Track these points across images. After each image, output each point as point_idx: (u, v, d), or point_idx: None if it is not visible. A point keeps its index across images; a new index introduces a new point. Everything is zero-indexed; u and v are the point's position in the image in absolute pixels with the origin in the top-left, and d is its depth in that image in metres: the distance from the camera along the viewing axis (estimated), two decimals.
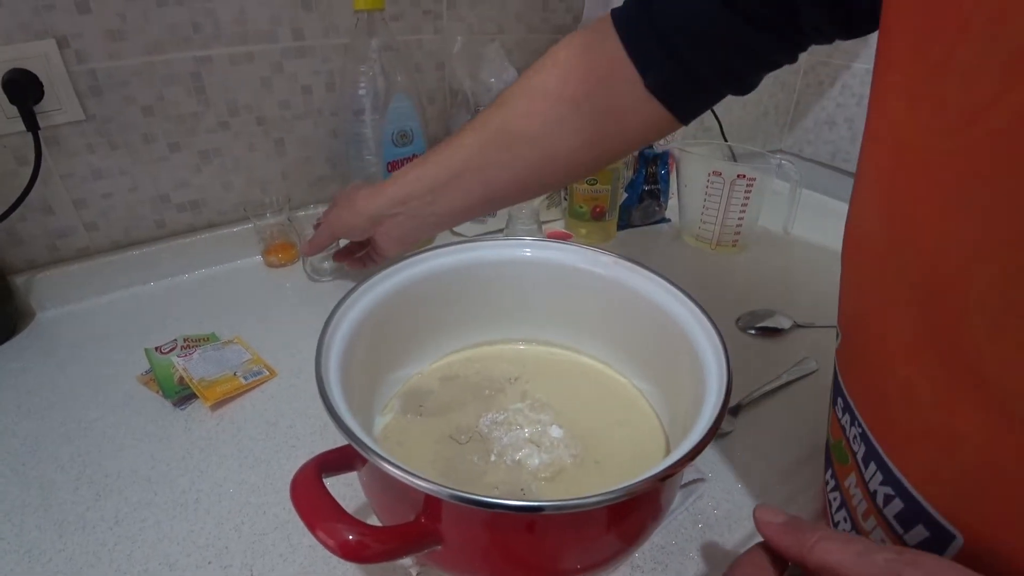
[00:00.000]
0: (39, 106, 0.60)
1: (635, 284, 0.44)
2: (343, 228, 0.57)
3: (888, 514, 0.29)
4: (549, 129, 0.47)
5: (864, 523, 0.31)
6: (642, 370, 0.47)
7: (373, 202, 0.54)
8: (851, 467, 0.32)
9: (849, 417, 0.32)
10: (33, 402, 0.53)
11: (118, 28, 0.62)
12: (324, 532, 0.26)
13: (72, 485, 0.45)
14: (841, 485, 0.34)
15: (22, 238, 0.65)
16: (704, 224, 0.80)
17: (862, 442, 0.30)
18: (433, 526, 0.28)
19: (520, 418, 0.42)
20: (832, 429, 0.36)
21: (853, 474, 0.32)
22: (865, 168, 0.30)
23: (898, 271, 0.26)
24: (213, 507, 0.43)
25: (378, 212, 0.54)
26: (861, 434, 0.30)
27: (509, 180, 0.50)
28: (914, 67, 0.24)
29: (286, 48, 0.72)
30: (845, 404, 0.32)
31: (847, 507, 0.34)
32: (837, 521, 0.36)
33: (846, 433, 0.33)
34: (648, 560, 0.40)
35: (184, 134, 0.70)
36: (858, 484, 0.31)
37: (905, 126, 0.25)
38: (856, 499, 0.32)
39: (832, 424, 0.36)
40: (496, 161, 0.49)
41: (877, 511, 0.30)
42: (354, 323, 0.38)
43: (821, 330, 0.64)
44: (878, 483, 0.29)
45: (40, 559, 0.39)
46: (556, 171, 0.51)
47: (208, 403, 0.51)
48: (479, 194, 0.51)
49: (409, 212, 0.53)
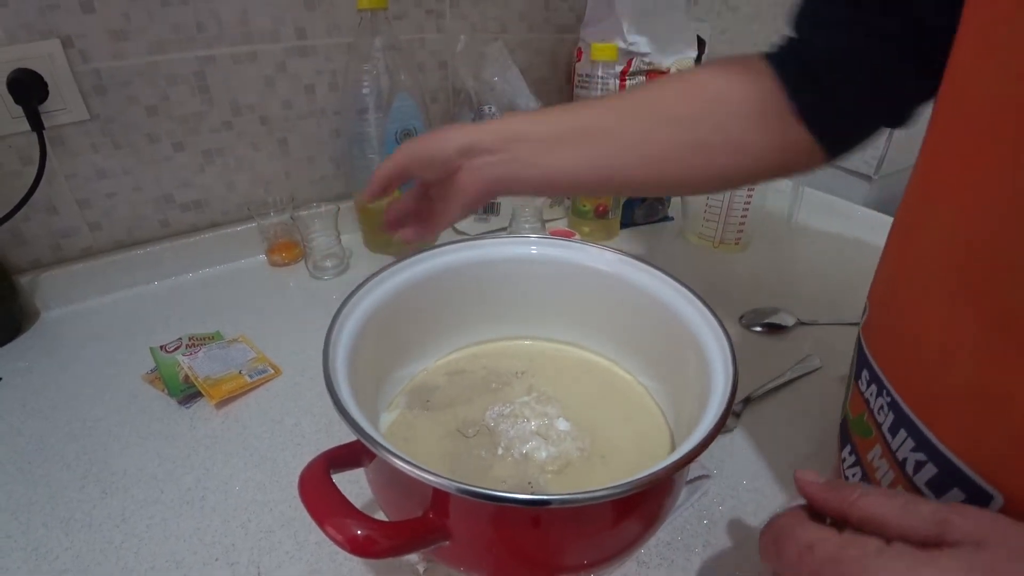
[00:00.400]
0: (44, 106, 0.60)
1: (639, 281, 0.44)
2: (423, 155, 0.44)
3: (919, 481, 0.29)
4: (695, 116, 0.43)
5: None
6: (647, 367, 0.47)
7: (470, 133, 0.44)
8: (875, 439, 0.33)
9: (876, 388, 0.32)
10: (39, 401, 0.53)
11: (122, 28, 0.62)
12: (333, 527, 0.26)
13: (78, 483, 0.45)
14: (863, 459, 0.35)
15: (26, 238, 0.66)
16: (707, 222, 0.80)
17: (890, 411, 0.31)
18: (441, 521, 0.28)
19: (527, 411, 0.42)
20: (852, 405, 0.36)
21: (878, 446, 0.32)
22: (928, 137, 0.30)
23: (942, 234, 0.27)
24: (219, 505, 0.43)
25: (473, 143, 0.43)
26: (890, 403, 0.31)
27: (633, 158, 0.44)
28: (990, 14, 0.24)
29: (289, 47, 0.72)
30: (872, 376, 0.33)
31: (869, 481, 0.34)
32: None
33: (870, 406, 0.33)
34: (654, 556, 0.40)
35: (188, 134, 0.70)
36: (884, 455, 0.32)
37: (971, 77, 0.26)
38: (881, 471, 0.32)
39: (852, 400, 0.36)
40: (629, 131, 0.44)
41: (906, 479, 0.30)
42: (360, 320, 0.38)
43: (824, 327, 0.64)
44: (908, 450, 0.29)
45: (47, 556, 0.39)
46: (679, 165, 0.44)
47: (213, 401, 0.51)
48: (596, 163, 0.44)
49: (511, 155, 0.43)
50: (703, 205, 0.79)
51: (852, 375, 0.37)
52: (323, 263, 0.73)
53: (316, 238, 0.72)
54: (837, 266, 0.78)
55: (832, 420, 0.52)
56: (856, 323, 0.65)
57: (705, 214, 0.79)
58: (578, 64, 0.89)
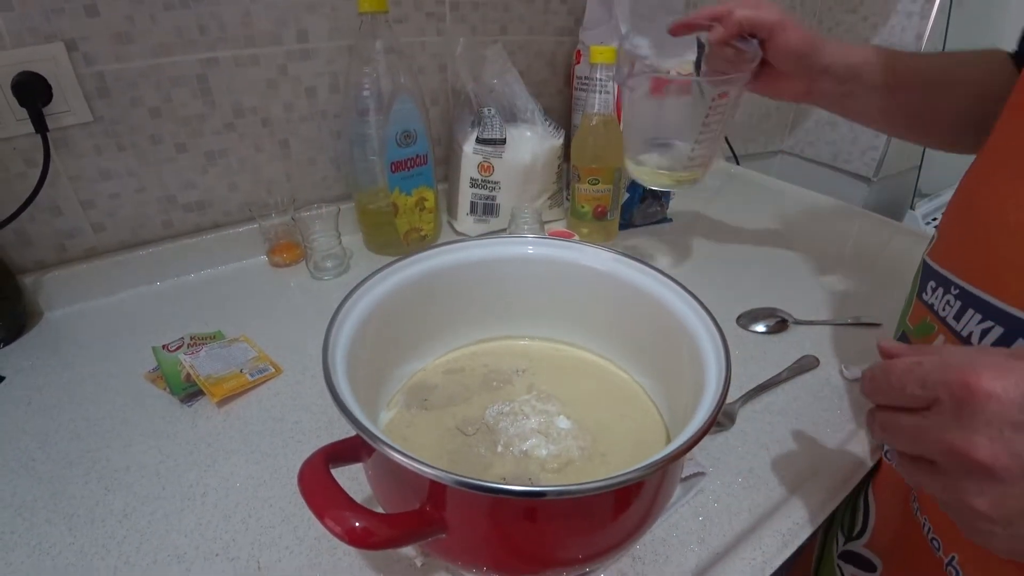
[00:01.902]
0: (48, 108, 0.61)
1: (637, 281, 0.44)
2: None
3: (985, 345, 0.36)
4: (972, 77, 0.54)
5: None
6: (643, 365, 0.47)
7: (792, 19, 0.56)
8: (937, 333, 0.40)
9: (943, 290, 0.40)
10: (42, 399, 0.54)
11: (125, 31, 0.63)
12: (332, 519, 0.27)
13: (81, 480, 0.45)
14: None
15: (31, 239, 0.66)
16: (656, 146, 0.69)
17: (957, 301, 0.38)
18: (438, 513, 0.29)
19: (527, 408, 0.43)
20: (913, 318, 0.44)
21: (940, 336, 0.40)
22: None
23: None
24: (220, 501, 0.43)
25: (788, 19, 0.55)
26: (957, 294, 0.38)
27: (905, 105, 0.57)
28: None
29: (291, 50, 0.73)
30: (939, 282, 0.41)
31: None
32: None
33: (934, 308, 0.41)
34: (649, 552, 0.40)
35: (190, 135, 0.71)
36: (946, 342, 0.39)
37: None
38: None
39: (914, 313, 0.44)
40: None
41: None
42: (359, 318, 0.39)
43: (821, 327, 0.65)
44: (975, 324, 0.36)
45: (50, 552, 0.40)
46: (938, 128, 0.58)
47: (215, 399, 0.52)
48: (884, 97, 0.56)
49: (814, 57, 0.56)
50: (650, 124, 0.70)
51: (913, 293, 0.45)
52: (324, 264, 0.74)
53: (317, 239, 0.72)
54: (835, 267, 0.79)
55: (826, 416, 0.52)
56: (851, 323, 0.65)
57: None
58: (577, 67, 0.89)
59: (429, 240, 0.81)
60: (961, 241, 0.40)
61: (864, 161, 1.25)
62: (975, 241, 0.38)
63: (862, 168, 1.26)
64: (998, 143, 0.38)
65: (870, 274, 0.78)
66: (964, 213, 0.41)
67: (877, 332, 0.64)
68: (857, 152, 1.26)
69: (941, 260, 0.41)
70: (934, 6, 1.06)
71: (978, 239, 0.38)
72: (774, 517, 0.43)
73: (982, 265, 0.37)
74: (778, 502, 0.44)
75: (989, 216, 0.37)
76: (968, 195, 0.41)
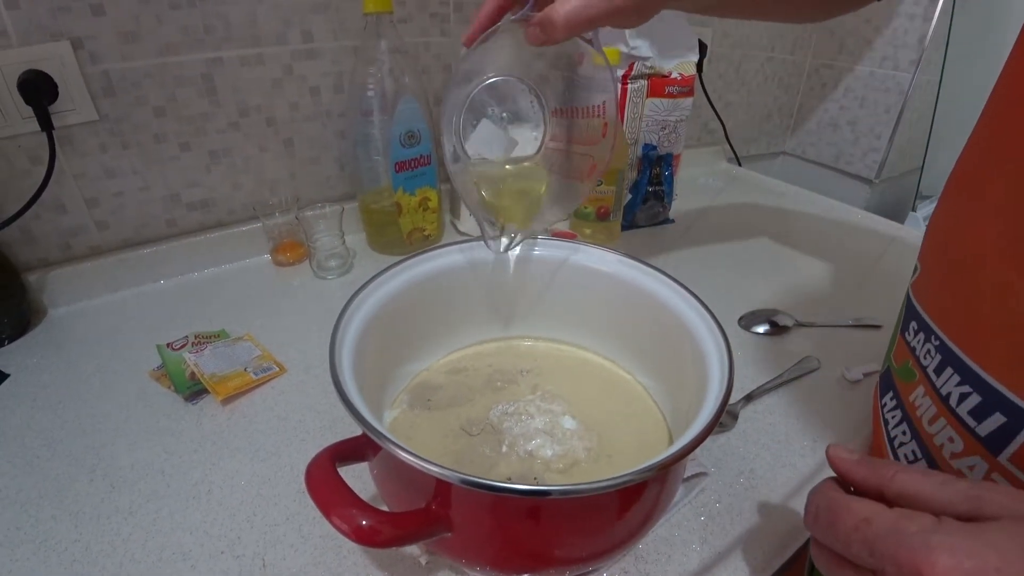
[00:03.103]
0: (53, 106, 0.61)
1: (639, 282, 0.45)
2: None
3: (962, 411, 0.33)
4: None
5: (930, 428, 0.36)
6: (646, 366, 0.48)
7: None
8: (918, 382, 0.37)
9: (923, 336, 0.37)
10: (47, 397, 0.54)
11: (131, 30, 0.63)
12: (338, 517, 0.27)
13: (87, 477, 0.46)
14: (905, 401, 0.39)
15: (35, 236, 0.66)
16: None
17: (937, 353, 0.35)
18: (443, 512, 0.29)
19: (531, 408, 0.43)
20: (896, 356, 0.42)
21: (920, 387, 0.37)
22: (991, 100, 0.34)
23: (997, 184, 0.31)
24: (225, 499, 0.44)
25: None
26: (938, 346, 0.35)
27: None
28: None
29: (296, 50, 0.73)
30: (920, 326, 0.38)
31: (909, 419, 0.38)
32: (895, 435, 0.40)
33: (915, 353, 0.38)
34: (652, 552, 0.40)
35: (195, 134, 0.71)
36: (926, 394, 0.36)
37: None
38: (922, 408, 0.37)
39: (897, 352, 0.41)
40: None
41: (949, 411, 0.34)
42: (364, 318, 0.39)
43: (822, 329, 0.65)
44: (953, 385, 0.33)
45: (56, 548, 0.40)
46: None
47: (219, 398, 0.52)
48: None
49: None
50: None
51: (897, 330, 0.42)
52: (327, 263, 0.74)
53: (320, 238, 0.72)
54: (836, 269, 0.79)
55: (828, 418, 0.53)
56: (852, 325, 0.66)
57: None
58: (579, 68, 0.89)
59: (432, 240, 0.81)
60: (941, 282, 0.37)
61: (866, 163, 1.26)
62: (954, 290, 0.35)
63: (864, 170, 1.26)
64: (969, 177, 0.36)
65: (871, 276, 0.78)
66: (940, 254, 0.38)
67: (878, 334, 0.64)
68: (859, 154, 1.26)
69: (922, 299, 0.39)
70: (937, 8, 1.07)
71: (957, 288, 0.35)
72: (775, 517, 0.43)
73: (962, 320, 0.34)
74: (779, 502, 0.44)
75: (969, 266, 0.34)
76: (943, 233, 0.38)
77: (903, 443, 0.39)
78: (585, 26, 0.39)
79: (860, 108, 1.23)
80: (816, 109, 1.33)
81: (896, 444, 0.40)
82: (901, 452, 0.39)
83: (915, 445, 0.38)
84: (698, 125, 1.21)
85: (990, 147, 0.34)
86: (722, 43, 1.14)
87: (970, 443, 0.32)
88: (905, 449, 0.39)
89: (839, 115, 1.28)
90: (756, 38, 1.18)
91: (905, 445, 0.39)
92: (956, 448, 0.34)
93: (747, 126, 1.31)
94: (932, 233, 0.40)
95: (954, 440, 0.34)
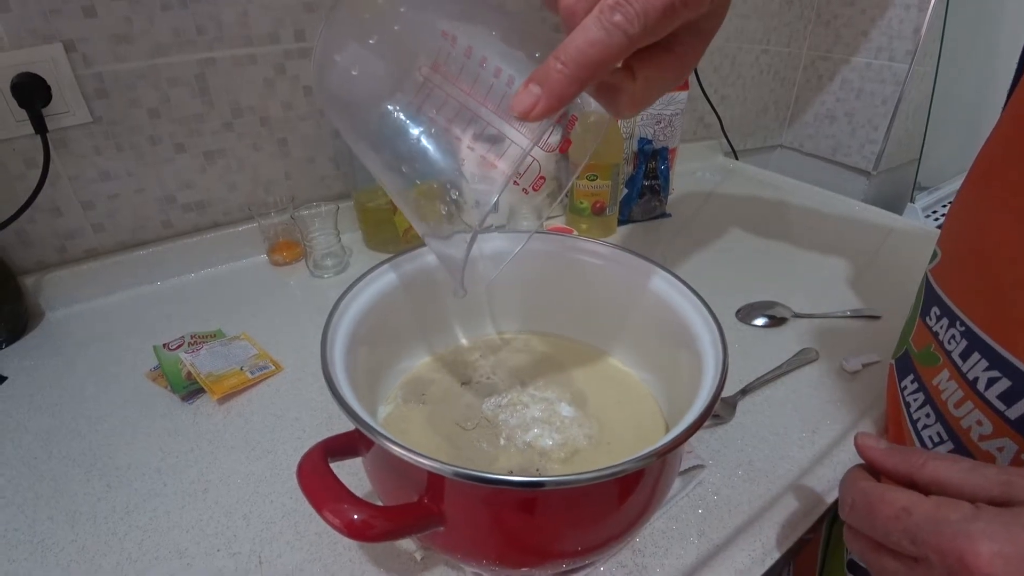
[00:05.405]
0: (47, 109, 0.61)
1: (635, 276, 0.44)
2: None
3: (991, 395, 0.33)
4: None
5: (956, 411, 0.36)
6: (643, 359, 0.47)
7: None
8: (942, 366, 0.38)
9: (947, 321, 0.37)
10: (44, 398, 0.54)
11: (124, 32, 0.63)
12: (330, 512, 0.27)
13: (83, 477, 0.45)
14: (928, 385, 0.40)
15: (31, 239, 0.66)
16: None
17: (963, 339, 0.35)
18: (436, 505, 0.29)
19: (525, 398, 0.43)
20: (916, 340, 0.42)
21: (945, 371, 0.37)
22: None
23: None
24: (221, 497, 0.44)
25: None
26: (964, 332, 0.35)
27: None
28: None
29: (288, 49, 0.73)
30: (942, 311, 0.38)
31: (932, 402, 0.39)
32: (917, 418, 0.40)
33: (939, 338, 0.38)
34: (649, 544, 0.40)
35: (189, 135, 0.71)
36: (952, 378, 0.37)
37: None
38: (947, 392, 0.37)
39: (917, 335, 0.42)
40: None
41: (976, 395, 0.34)
42: (357, 315, 0.39)
43: (820, 320, 0.65)
44: (981, 370, 0.34)
45: (53, 548, 0.40)
46: None
47: (215, 397, 0.52)
48: None
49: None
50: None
51: (917, 314, 0.42)
52: (323, 262, 0.74)
53: (316, 237, 0.72)
54: (834, 260, 0.79)
55: (826, 409, 0.53)
56: (850, 316, 0.65)
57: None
58: None
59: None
60: (964, 269, 0.38)
61: (863, 155, 1.25)
62: (981, 279, 0.35)
63: (861, 162, 1.26)
64: (994, 166, 0.36)
65: (870, 267, 0.78)
66: (964, 242, 0.38)
67: (877, 324, 0.64)
68: (856, 146, 1.26)
69: (944, 284, 0.39)
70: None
71: (982, 276, 0.35)
72: (773, 509, 0.43)
73: (990, 310, 0.34)
74: (777, 494, 0.44)
75: (994, 254, 0.34)
76: (965, 221, 0.38)
77: (927, 425, 0.40)
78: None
79: (857, 100, 1.23)
80: (812, 101, 1.32)
81: (920, 426, 0.40)
82: (926, 434, 0.40)
83: (940, 427, 0.38)
84: (694, 119, 1.20)
85: (1016, 137, 0.34)
86: (717, 36, 1.13)
87: (1000, 426, 0.33)
88: (930, 431, 0.39)
89: (836, 107, 1.28)
90: (751, 31, 1.18)
91: (930, 427, 0.39)
92: (985, 431, 0.34)
93: (743, 119, 1.30)
94: (953, 220, 0.40)
95: (983, 423, 0.34)
